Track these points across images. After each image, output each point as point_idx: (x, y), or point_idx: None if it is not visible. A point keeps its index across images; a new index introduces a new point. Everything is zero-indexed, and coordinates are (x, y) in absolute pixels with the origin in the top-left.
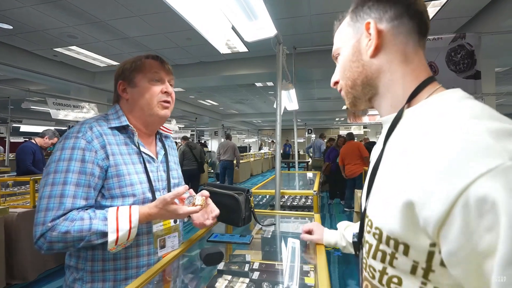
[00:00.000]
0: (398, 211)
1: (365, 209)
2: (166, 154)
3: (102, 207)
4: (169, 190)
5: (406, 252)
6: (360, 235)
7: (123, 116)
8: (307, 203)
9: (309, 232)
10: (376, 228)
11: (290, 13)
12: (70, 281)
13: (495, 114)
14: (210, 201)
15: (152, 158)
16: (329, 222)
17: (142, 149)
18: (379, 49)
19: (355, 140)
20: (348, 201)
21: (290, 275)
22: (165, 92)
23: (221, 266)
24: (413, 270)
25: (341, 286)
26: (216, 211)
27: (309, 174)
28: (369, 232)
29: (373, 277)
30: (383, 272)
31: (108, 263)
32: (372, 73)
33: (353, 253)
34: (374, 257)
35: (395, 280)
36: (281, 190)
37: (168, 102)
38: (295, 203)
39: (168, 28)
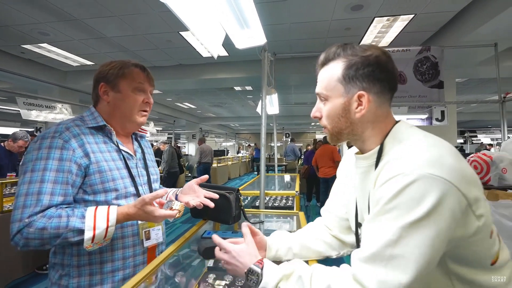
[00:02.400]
0: None
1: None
2: (143, 152)
3: (85, 201)
4: (149, 185)
5: None
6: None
7: (99, 117)
8: (287, 204)
9: None
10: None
11: (270, 21)
12: (56, 279)
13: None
14: (204, 196)
15: (131, 155)
16: (307, 222)
17: (121, 147)
18: (365, 113)
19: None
20: (324, 204)
21: None
22: (147, 102)
23: (211, 263)
24: None
25: None
26: (207, 202)
27: (287, 177)
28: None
29: None
30: None
31: (94, 256)
32: (357, 129)
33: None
34: None
35: None
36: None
37: (147, 111)
38: (276, 204)
39: (148, 30)
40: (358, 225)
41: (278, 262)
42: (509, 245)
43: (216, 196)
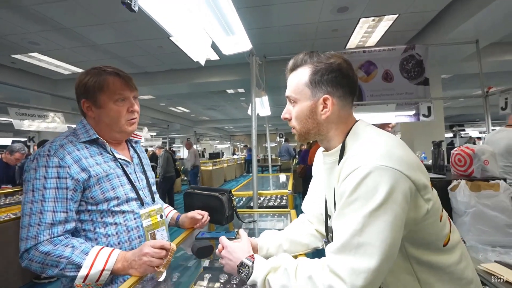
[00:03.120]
0: None
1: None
2: (139, 157)
3: (89, 211)
4: (149, 188)
5: None
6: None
7: (91, 130)
8: (281, 203)
9: None
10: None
11: (260, 24)
12: (68, 281)
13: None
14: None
15: (128, 161)
16: None
17: (116, 155)
18: (330, 115)
19: None
20: None
21: None
22: (131, 110)
23: (206, 263)
24: None
25: None
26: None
27: (282, 177)
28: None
29: None
30: None
31: None
32: (323, 129)
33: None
34: None
35: None
36: (258, 191)
37: (134, 118)
38: (270, 204)
39: (139, 36)
40: (327, 216)
41: None
42: (492, 233)
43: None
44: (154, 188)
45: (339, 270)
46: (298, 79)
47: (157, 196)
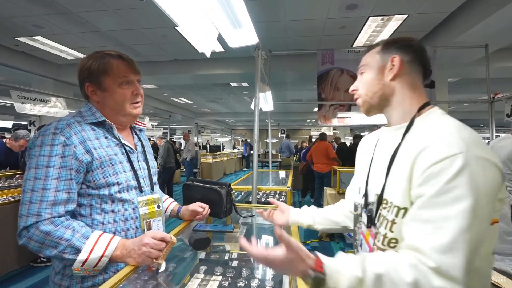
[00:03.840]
0: (406, 190)
1: (381, 195)
2: (143, 145)
3: (89, 195)
4: (150, 178)
5: (403, 215)
6: (376, 213)
7: (98, 112)
8: (280, 199)
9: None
10: (390, 202)
11: (267, 18)
12: (60, 268)
13: (460, 124)
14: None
15: (132, 148)
16: None
17: (122, 141)
18: (396, 77)
19: (327, 141)
20: (318, 200)
21: None
22: (136, 93)
23: (203, 255)
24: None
25: None
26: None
27: (282, 173)
28: (384, 208)
29: (378, 240)
30: (384, 236)
31: None
32: (387, 91)
33: (318, 229)
34: (381, 224)
35: (393, 241)
36: (257, 186)
37: (139, 101)
38: (269, 199)
39: (144, 24)
40: (367, 189)
41: None
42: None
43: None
44: (155, 178)
45: (452, 271)
46: (372, 51)
47: (156, 187)
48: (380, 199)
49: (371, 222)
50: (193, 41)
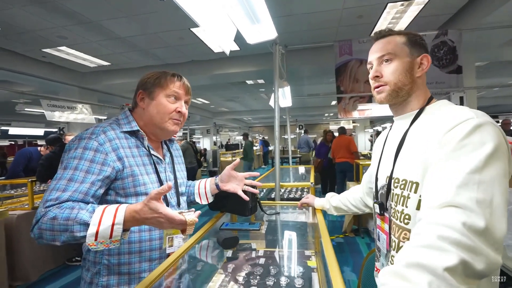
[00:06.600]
0: (419, 164)
1: (391, 175)
2: (171, 156)
3: (118, 203)
4: (176, 189)
5: (416, 190)
6: (387, 195)
7: (133, 122)
8: (302, 196)
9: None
10: (403, 180)
11: (281, 12)
12: (89, 277)
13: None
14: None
15: (160, 159)
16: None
17: (151, 151)
18: (422, 75)
19: (346, 135)
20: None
21: (293, 259)
22: (179, 111)
23: (229, 253)
24: (418, 206)
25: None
26: (251, 190)
27: (301, 168)
28: (396, 186)
29: (396, 218)
30: (401, 212)
31: (123, 256)
32: (414, 88)
33: (334, 214)
34: (397, 203)
35: (407, 217)
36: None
37: (179, 120)
38: (291, 196)
39: (160, 28)
40: (377, 177)
41: None
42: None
43: (256, 191)
44: (182, 189)
45: (465, 202)
46: (395, 40)
47: (183, 199)
48: (390, 179)
49: (383, 209)
50: (213, 40)
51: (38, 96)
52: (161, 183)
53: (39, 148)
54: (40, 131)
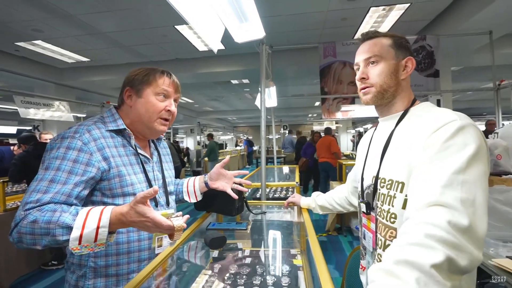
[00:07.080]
0: (405, 164)
1: (377, 175)
2: (159, 155)
3: (104, 204)
4: (165, 188)
5: (402, 189)
6: (373, 194)
7: (120, 120)
8: (287, 195)
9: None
10: (389, 180)
11: (267, 13)
12: (74, 280)
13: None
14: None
15: (148, 158)
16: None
17: (139, 151)
18: (406, 77)
19: (330, 135)
20: (324, 192)
21: (279, 258)
22: (168, 110)
23: (215, 253)
24: (404, 205)
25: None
26: (240, 188)
27: (286, 168)
28: (382, 186)
29: (383, 217)
30: (388, 212)
31: (111, 258)
32: (398, 90)
33: (320, 213)
34: (383, 202)
35: (393, 216)
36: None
37: (167, 120)
38: (276, 195)
39: (143, 24)
40: (363, 177)
41: None
42: (503, 229)
43: (245, 189)
44: (171, 187)
45: (450, 201)
46: (381, 42)
47: (172, 198)
48: (376, 179)
49: (369, 208)
50: (202, 38)
51: (11, 92)
52: (149, 182)
53: (11, 147)
54: (12, 129)
